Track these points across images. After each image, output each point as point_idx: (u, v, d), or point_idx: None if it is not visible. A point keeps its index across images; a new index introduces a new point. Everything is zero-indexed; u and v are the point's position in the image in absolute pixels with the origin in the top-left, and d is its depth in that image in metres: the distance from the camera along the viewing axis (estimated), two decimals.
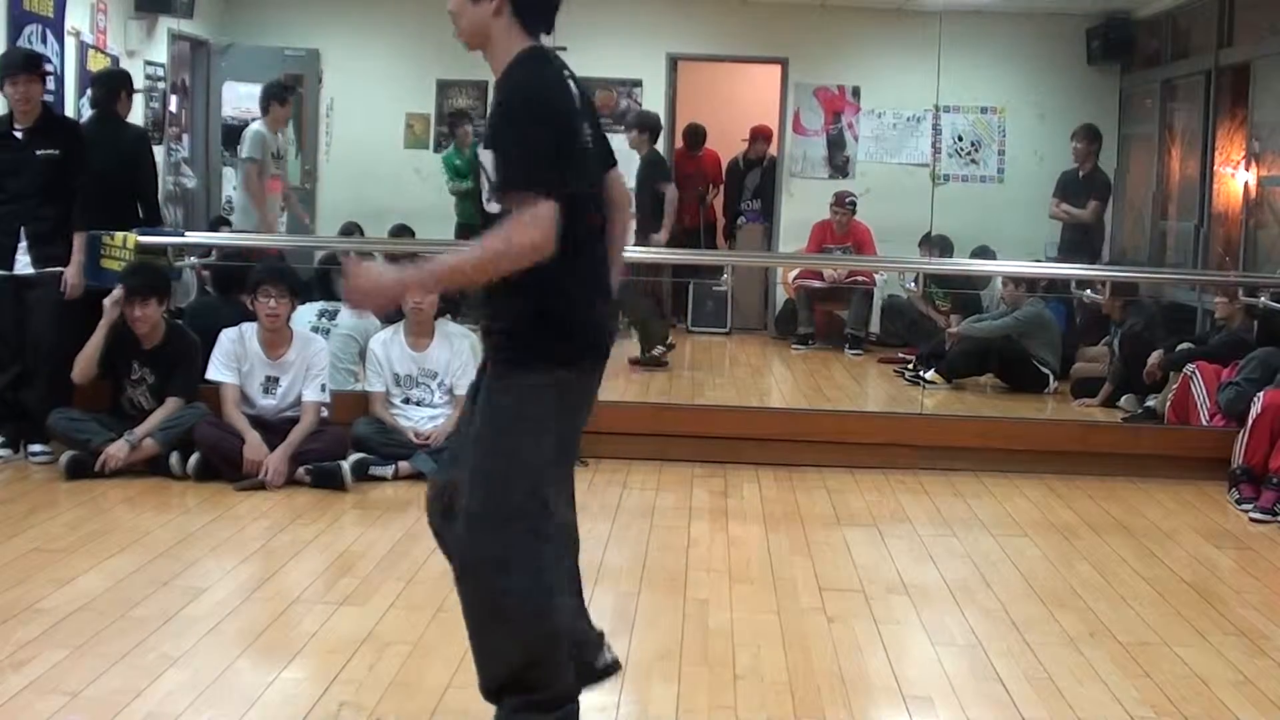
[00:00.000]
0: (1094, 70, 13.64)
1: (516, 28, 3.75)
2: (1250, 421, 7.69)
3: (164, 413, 7.43)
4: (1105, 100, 13.60)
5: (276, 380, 7.53)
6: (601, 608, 5.38)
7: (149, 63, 12.35)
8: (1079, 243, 11.75)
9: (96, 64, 11.00)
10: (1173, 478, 8.03)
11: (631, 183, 11.05)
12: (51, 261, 7.56)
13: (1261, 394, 7.74)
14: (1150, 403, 9.30)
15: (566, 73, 3.84)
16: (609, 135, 4.12)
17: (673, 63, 14.23)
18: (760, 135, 14.26)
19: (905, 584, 5.91)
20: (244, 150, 10.29)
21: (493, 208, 3.71)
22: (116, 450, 7.22)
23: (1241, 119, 11.22)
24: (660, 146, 14.14)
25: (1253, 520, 7.24)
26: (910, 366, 11.17)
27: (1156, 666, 4.93)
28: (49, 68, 8.71)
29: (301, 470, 7.24)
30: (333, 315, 8.38)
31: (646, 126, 11.38)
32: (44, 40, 10.07)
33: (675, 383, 11.13)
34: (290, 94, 10.57)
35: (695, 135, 14.73)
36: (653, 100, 14.13)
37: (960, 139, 13.92)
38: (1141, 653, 5.08)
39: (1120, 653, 5.08)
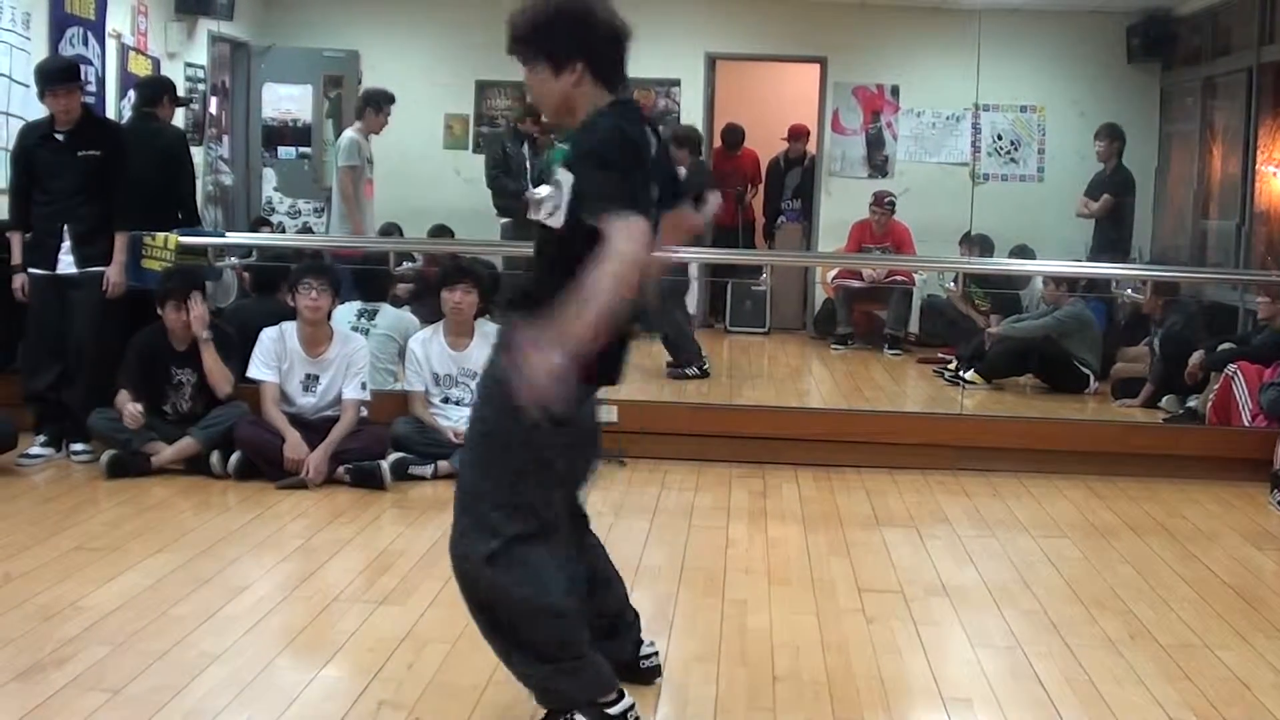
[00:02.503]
0: (1134, 68, 13.56)
1: (596, 89, 3.96)
2: None
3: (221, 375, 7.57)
4: (1146, 98, 13.53)
5: (316, 378, 7.56)
6: (640, 608, 5.37)
7: (189, 64, 12.41)
8: (1109, 241, 11.70)
9: (137, 66, 11.07)
10: (1214, 479, 7.98)
11: None
12: (94, 261, 7.61)
13: None
14: (1191, 403, 9.24)
15: (648, 125, 4.05)
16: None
17: (711, 62, 14.22)
18: (798, 134, 14.22)
19: (944, 585, 5.89)
20: (340, 158, 10.32)
21: (554, 220, 3.83)
22: (176, 452, 7.35)
23: None
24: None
25: None
26: (950, 367, 11.13)
27: (1197, 669, 4.90)
28: (88, 71, 8.79)
29: (341, 469, 7.27)
30: (372, 315, 8.40)
31: (685, 141, 11.13)
32: (85, 42, 10.14)
33: (714, 383, 11.12)
34: (389, 102, 10.54)
35: (733, 135, 14.72)
36: (691, 100, 14.12)
37: (1000, 138, 13.87)
38: (1182, 655, 5.05)
39: (1161, 655, 5.05)
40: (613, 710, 4.08)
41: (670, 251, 4.76)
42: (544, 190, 3.84)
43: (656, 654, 4.63)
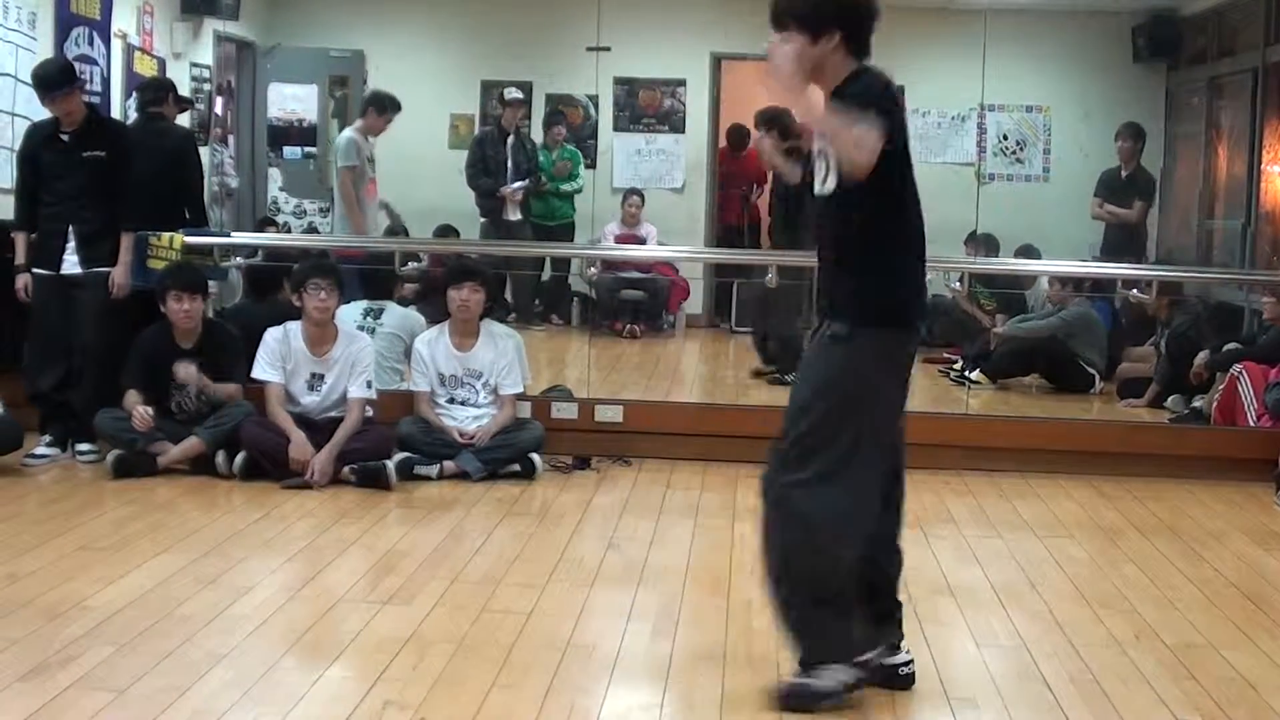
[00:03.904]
0: (1140, 68, 13.55)
1: (847, 56, 4.33)
2: None
3: (224, 392, 7.52)
4: (1151, 99, 13.50)
5: (321, 377, 7.55)
6: (646, 608, 5.40)
7: (195, 64, 12.43)
8: (1124, 243, 11.69)
9: (143, 66, 11.07)
10: (1219, 479, 7.97)
11: None
12: (99, 262, 7.61)
13: None
14: (1197, 403, 9.23)
15: None
16: (655, 135, 4.35)
17: (717, 62, 14.21)
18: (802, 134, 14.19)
19: (950, 585, 5.88)
20: (339, 158, 10.32)
21: (827, 187, 4.27)
22: (182, 452, 7.35)
23: None
24: (704, 147, 14.20)
25: None
26: (955, 366, 11.11)
27: (1203, 669, 4.89)
28: (84, 71, 8.79)
29: (346, 469, 7.27)
30: (378, 314, 8.41)
31: (776, 123, 11.01)
32: (90, 42, 10.14)
33: (719, 383, 11.14)
34: (395, 110, 10.56)
35: (738, 135, 14.71)
36: (697, 100, 14.13)
37: (1005, 138, 13.86)
38: (1188, 655, 5.04)
39: (1166, 655, 5.04)
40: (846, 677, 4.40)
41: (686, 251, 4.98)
42: (520, 184, 4.07)
43: (913, 662, 4.65)
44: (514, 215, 12.60)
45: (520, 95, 13.06)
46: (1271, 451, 7.84)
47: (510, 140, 12.81)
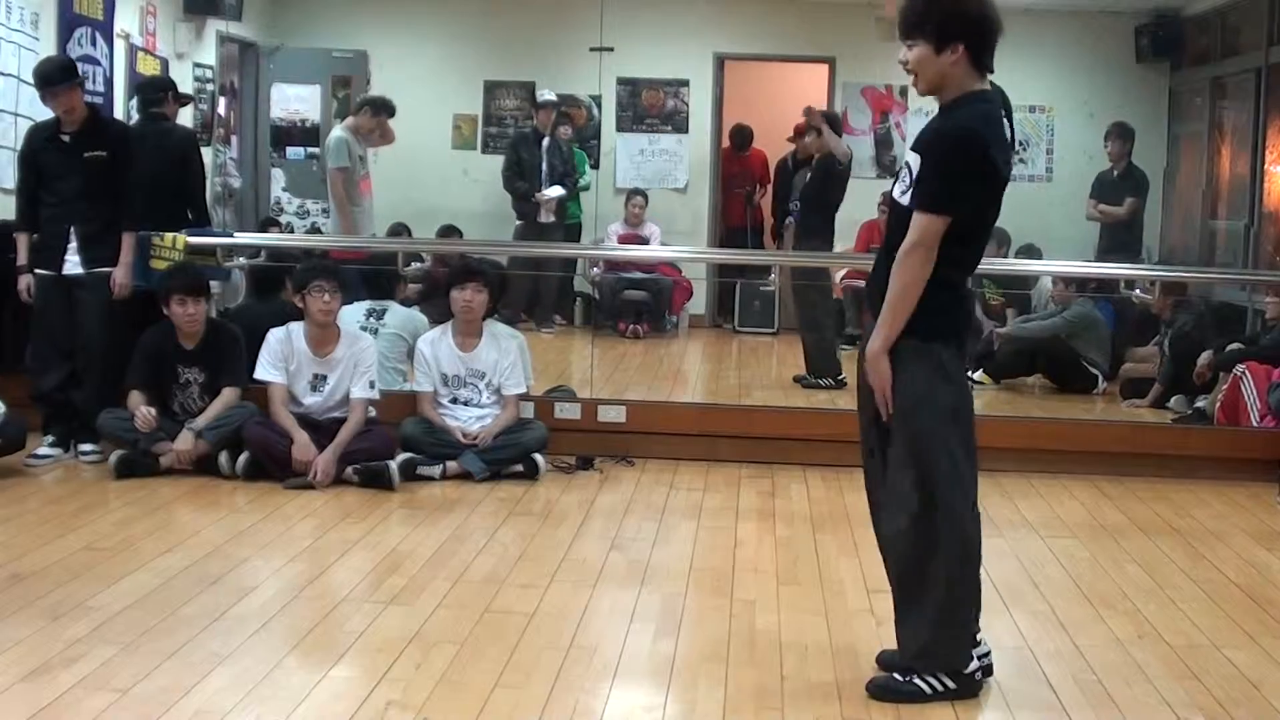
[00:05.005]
0: (1143, 68, 13.56)
1: (970, 70, 4.51)
2: None
3: (221, 404, 7.46)
4: (1154, 98, 13.52)
5: (324, 378, 7.55)
6: (648, 608, 5.40)
7: (198, 65, 12.44)
8: (1119, 242, 11.69)
9: (145, 66, 11.08)
10: (1222, 479, 7.97)
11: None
12: (100, 262, 7.60)
13: None
14: (1200, 403, 9.23)
15: (1002, 111, 4.67)
16: (658, 135, 4.36)
17: (720, 62, 14.23)
18: (805, 134, 14.18)
19: None
20: (330, 159, 10.32)
21: (906, 198, 4.40)
22: (183, 444, 7.28)
23: None
24: (707, 147, 14.20)
25: None
26: None
27: (1206, 669, 4.89)
28: (87, 72, 8.77)
29: (349, 470, 7.27)
30: (380, 314, 8.40)
31: (833, 124, 10.95)
32: (94, 43, 10.15)
33: (722, 383, 11.14)
34: (389, 114, 10.57)
35: (741, 136, 14.72)
36: (700, 100, 14.12)
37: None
38: (1191, 655, 5.04)
39: (1169, 655, 5.04)
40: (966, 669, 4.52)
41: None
42: (554, 191, 4.06)
43: (989, 655, 4.66)
44: (548, 218, 12.63)
45: (553, 98, 13.06)
46: (1274, 451, 7.83)
47: (545, 143, 12.82)
